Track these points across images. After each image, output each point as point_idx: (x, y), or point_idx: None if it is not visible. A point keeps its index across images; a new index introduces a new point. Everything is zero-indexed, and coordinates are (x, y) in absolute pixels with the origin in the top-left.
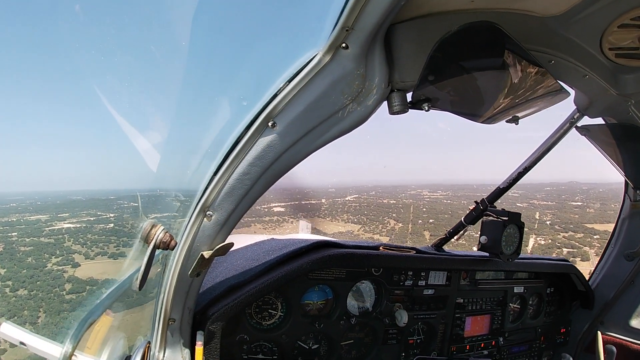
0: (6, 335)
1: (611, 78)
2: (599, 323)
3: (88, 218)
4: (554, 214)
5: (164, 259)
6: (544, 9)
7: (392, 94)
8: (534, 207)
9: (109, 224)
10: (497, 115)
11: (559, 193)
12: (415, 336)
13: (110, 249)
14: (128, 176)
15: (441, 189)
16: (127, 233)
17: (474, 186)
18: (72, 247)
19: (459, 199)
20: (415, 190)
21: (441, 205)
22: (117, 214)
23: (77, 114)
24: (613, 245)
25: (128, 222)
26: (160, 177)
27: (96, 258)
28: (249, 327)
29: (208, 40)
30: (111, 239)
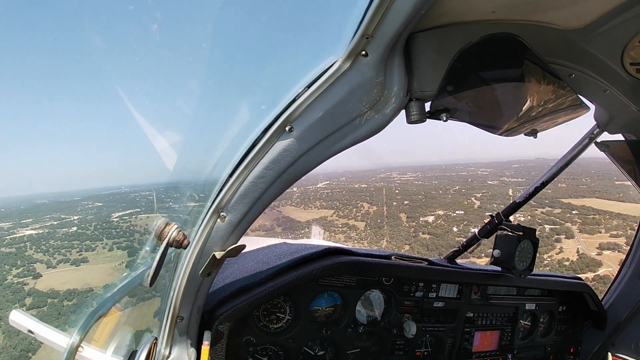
0: (15, 323)
1: (632, 94)
2: (610, 344)
3: (52, 222)
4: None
5: (176, 257)
6: (565, 22)
7: (411, 103)
8: (505, 184)
9: (72, 227)
10: (516, 128)
11: (527, 170)
12: (422, 348)
13: (72, 255)
14: (145, 174)
15: (410, 171)
16: (89, 236)
17: (443, 166)
18: (34, 255)
19: (430, 179)
20: (385, 174)
21: (413, 186)
22: (80, 216)
23: (97, 113)
24: (628, 265)
25: (91, 224)
26: (177, 177)
27: (58, 266)
28: (256, 329)
29: (230, 44)
30: (74, 244)
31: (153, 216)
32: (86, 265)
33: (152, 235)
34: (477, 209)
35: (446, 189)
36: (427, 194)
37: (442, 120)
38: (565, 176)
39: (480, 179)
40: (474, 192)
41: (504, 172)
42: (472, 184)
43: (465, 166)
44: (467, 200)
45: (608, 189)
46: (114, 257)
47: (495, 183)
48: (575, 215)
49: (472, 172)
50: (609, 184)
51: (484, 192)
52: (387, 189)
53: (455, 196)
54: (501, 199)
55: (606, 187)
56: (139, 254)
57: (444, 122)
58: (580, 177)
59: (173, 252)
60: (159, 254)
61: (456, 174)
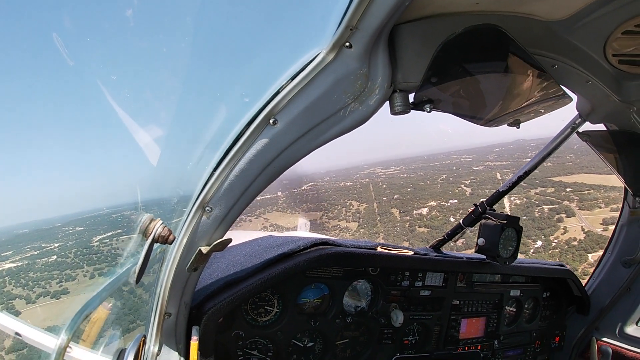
0: (2, 326)
1: (614, 84)
2: (594, 329)
3: (32, 253)
4: (513, 172)
5: (162, 253)
6: (548, 13)
7: (395, 94)
8: (491, 168)
9: (51, 256)
10: (499, 118)
11: (509, 152)
12: (410, 337)
13: (52, 287)
14: (128, 169)
15: (393, 165)
16: (70, 264)
17: (425, 157)
18: (13, 291)
19: (414, 171)
20: (369, 170)
21: (399, 179)
22: (61, 243)
23: (75, 112)
24: (610, 251)
25: (71, 251)
26: (160, 172)
27: (38, 300)
28: (245, 323)
29: (210, 36)
30: (54, 274)
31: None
32: (66, 297)
33: (137, 231)
34: (469, 197)
35: (433, 179)
36: (416, 186)
37: (425, 111)
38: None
39: (465, 166)
40: (462, 179)
41: (486, 157)
42: (458, 171)
43: (448, 155)
44: (458, 188)
45: (594, 164)
46: (95, 286)
47: (481, 168)
48: (570, 192)
49: (455, 160)
50: (594, 159)
51: (472, 179)
52: (374, 184)
53: (444, 185)
54: (491, 183)
55: (592, 161)
56: (125, 251)
57: (428, 113)
58: (564, 155)
59: (159, 248)
60: (144, 250)
61: (440, 163)
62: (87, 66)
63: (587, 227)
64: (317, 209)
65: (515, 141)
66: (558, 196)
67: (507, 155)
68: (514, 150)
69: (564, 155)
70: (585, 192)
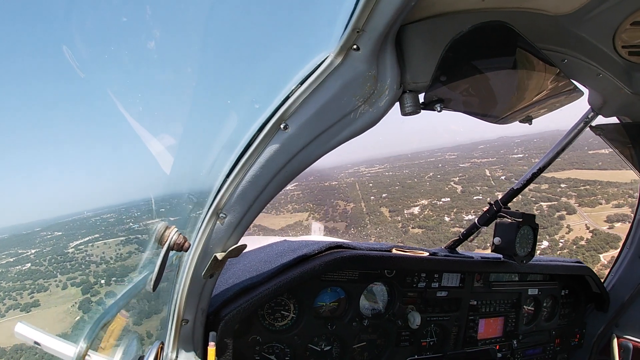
0: (21, 335)
1: (625, 76)
2: (614, 325)
3: (7, 260)
4: (502, 168)
5: (178, 261)
6: (555, 7)
7: (404, 95)
8: (478, 165)
9: (26, 263)
10: (510, 115)
11: (494, 149)
12: (428, 338)
13: (24, 298)
14: (141, 178)
15: (377, 163)
16: (43, 273)
17: (409, 155)
18: None
19: (399, 169)
20: (353, 169)
21: (386, 178)
22: (38, 249)
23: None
24: (628, 247)
25: (46, 258)
26: (174, 180)
27: (8, 314)
28: (262, 328)
29: (219, 43)
30: (26, 284)
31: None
32: (37, 310)
33: (152, 239)
34: (461, 194)
35: (421, 177)
36: (403, 184)
37: (436, 110)
38: (536, 151)
39: (451, 163)
40: (450, 177)
41: (472, 154)
42: (445, 168)
43: (432, 152)
44: (448, 186)
45: (584, 159)
46: (67, 298)
47: (467, 165)
48: (566, 188)
49: (440, 158)
50: (583, 154)
51: (460, 176)
52: (360, 183)
53: (433, 183)
54: (481, 180)
55: (581, 157)
56: (141, 259)
57: (439, 112)
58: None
59: (174, 255)
60: (160, 258)
61: (425, 161)
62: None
63: (592, 224)
64: (303, 210)
65: (499, 138)
66: (554, 192)
67: (493, 152)
68: (499, 147)
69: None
70: (582, 188)
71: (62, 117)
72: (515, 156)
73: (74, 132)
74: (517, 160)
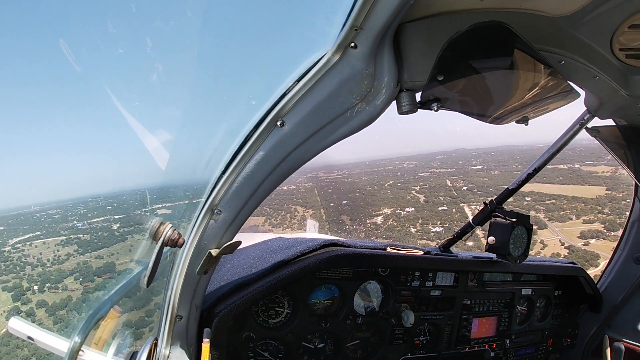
0: (15, 330)
1: (621, 79)
2: (606, 326)
3: None
4: (463, 179)
5: (172, 257)
6: (553, 9)
7: (401, 93)
8: (438, 175)
9: None
10: (507, 115)
11: (452, 160)
12: (421, 337)
13: None
14: (136, 174)
15: (336, 169)
16: None
17: (367, 163)
18: None
19: (358, 176)
20: (311, 173)
21: (345, 184)
22: None
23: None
24: (622, 248)
25: None
26: (169, 176)
27: None
28: (256, 325)
29: (216, 39)
30: None
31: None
32: None
33: (146, 235)
34: (425, 204)
35: (380, 184)
36: (363, 191)
37: (433, 110)
38: (494, 163)
39: (410, 172)
40: (411, 185)
41: (430, 163)
42: (404, 177)
43: (390, 161)
44: (410, 195)
45: (544, 173)
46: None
47: (427, 175)
48: (531, 202)
49: (398, 166)
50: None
51: (421, 185)
52: (319, 188)
53: (394, 191)
54: (444, 190)
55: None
56: (135, 255)
57: (435, 111)
58: (509, 164)
59: (169, 251)
60: (154, 253)
61: (383, 169)
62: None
63: (566, 240)
64: (259, 214)
65: (457, 150)
66: (521, 206)
67: (451, 162)
68: (457, 158)
69: (510, 164)
70: (548, 202)
71: (62, 116)
72: (474, 167)
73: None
74: (477, 171)
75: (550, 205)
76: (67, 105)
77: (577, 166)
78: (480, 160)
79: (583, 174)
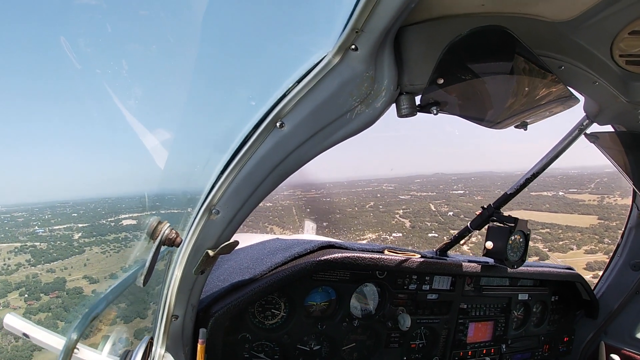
0: (10, 327)
1: (621, 85)
2: (602, 333)
3: None
4: (447, 204)
5: (169, 256)
6: (554, 14)
7: (401, 96)
8: (419, 198)
9: None
10: (506, 120)
11: (431, 184)
12: (417, 340)
13: None
14: (136, 173)
15: (314, 188)
16: None
17: (345, 183)
18: None
19: (337, 195)
20: (288, 191)
21: (323, 204)
22: None
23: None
24: (619, 254)
25: None
26: (168, 175)
27: None
28: (252, 326)
29: (218, 40)
30: None
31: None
32: None
33: (144, 234)
34: (411, 229)
35: (361, 206)
36: (343, 212)
37: (432, 113)
38: (476, 189)
39: (390, 194)
40: (393, 208)
41: (409, 186)
42: (384, 199)
43: (368, 182)
44: (394, 220)
45: (527, 200)
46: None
47: (408, 198)
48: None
49: (377, 188)
50: (524, 194)
51: (404, 209)
52: (297, 207)
53: (376, 214)
54: (429, 215)
55: (523, 198)
56: (131, 254)
57: (435, 115)
58: (491, 189)
59: (166, 250)
60: (151, 252)
61: (362, 190)
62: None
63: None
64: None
65: (435, 174)
66: None
67: (431, 186)
68: (437, 182)
69: (492, 190)
70: (543, 232)
71: (62, 113)
72: (456, 192)
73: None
74: (459, 196)
75: (546, 235)
76: (64, 101)
77: (562, 194)
78: (461, 185)
79: (570, 202)
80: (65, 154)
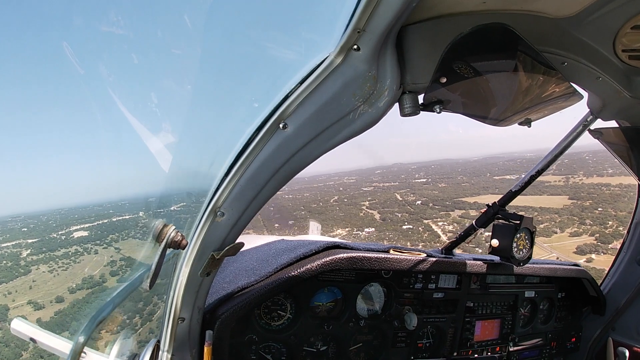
0: (17, 332)
1: (624, 80)
2: (610, 329)
3: None
4: (413, 193)
5: (175, 258)
6: (556, 10)
7: (404, 95)
8: (382, 189)
9: None
10: (510, 117)
11: (393, 174)
12: (424, 340)
13: None
14: (140, 176)
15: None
16: None
17: (306, 179)
18: None
19: (300, 192)
20: None
21: (287, 201)
22: None
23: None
24: (625, 250)
25: None
26: (172, 178)
27: None
28: (258, 327)
29: (219, 41)
30: None
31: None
32: None
33: (150, 237)
34: (383, 222)
35: (325, 200)
36: (308, 208)
37: (435, 112)
38: (438, 176)
39: (353, 187)
40: (359, 201)
41: (370, 178)
42: (348, 192)
43: (328, 176)
44: (362, 212)
45: (493, 184)
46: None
47: (371, 189)
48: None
49: (338, 182)
50: (488, 179)
51: (370, 200)
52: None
53: (343, 207)
54: (397, 205)
55: (487, 182)
56: (137, 257)
57: (438, 113)
58: (454, 176)
59: (172, 253)
60: (157, 255)
61: (323, 184)
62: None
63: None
64: None
65: (395, 164)
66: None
67: (392, 176)
68: (398, 172)
69: (456, 177)
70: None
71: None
72: (418, 180)
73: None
74: (423, 184)
75: None
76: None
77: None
78: (422, 173)
79: (535, 184)
80: (69, 158)
